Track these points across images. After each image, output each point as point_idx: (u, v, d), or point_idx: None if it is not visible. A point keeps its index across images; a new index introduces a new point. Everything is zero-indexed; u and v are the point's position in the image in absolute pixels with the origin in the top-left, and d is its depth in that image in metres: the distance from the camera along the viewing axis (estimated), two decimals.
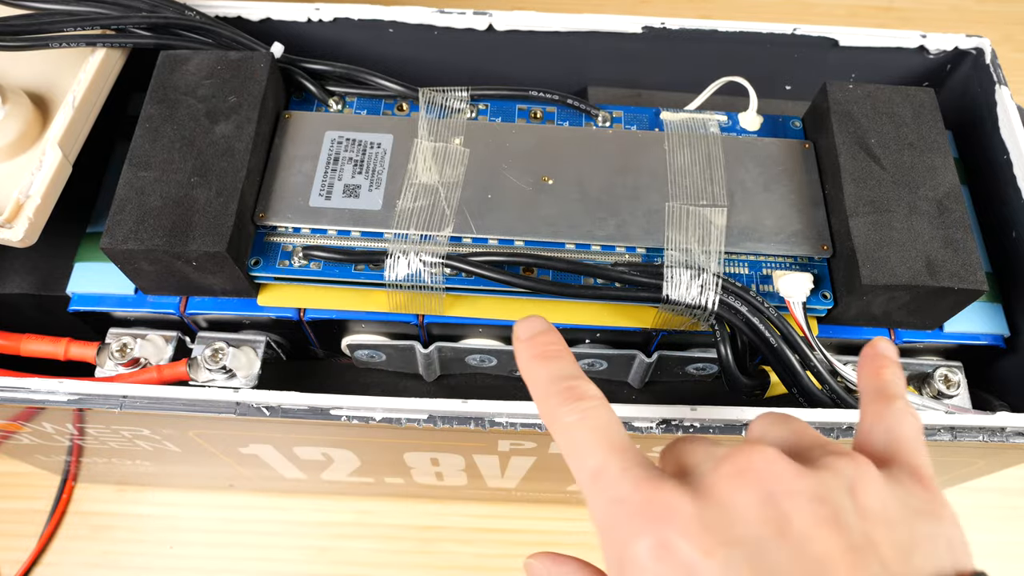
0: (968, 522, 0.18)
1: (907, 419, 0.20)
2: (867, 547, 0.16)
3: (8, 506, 0.46)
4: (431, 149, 0.32)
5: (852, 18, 0.68)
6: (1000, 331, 0.32)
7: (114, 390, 0.27)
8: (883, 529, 0.17)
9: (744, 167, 0.33)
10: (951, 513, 0.18)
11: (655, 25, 0.36)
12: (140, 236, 0.28)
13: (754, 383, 0.31)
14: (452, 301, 0.31)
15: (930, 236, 0.29)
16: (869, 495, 0.17)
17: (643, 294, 0.29)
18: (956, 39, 0.36)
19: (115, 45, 0.32)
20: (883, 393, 0.21)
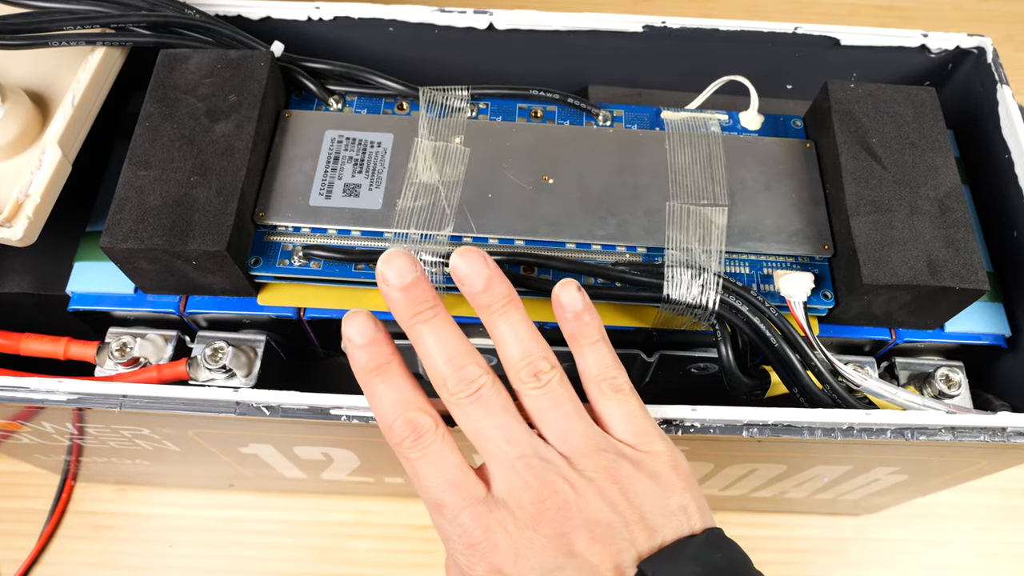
0: (969, 522, 0.18)
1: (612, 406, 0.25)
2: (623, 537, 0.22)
3: (7, 505, 0.46)
4: (431, 148, 0.32)
5: (853, 17, 0.68)
6: (1001, 331, 0.32)
7: (114, 389, 0.27)
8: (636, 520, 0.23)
9: (745, 166, 0.33)
10: (672, 471, 0.24)
11: (656, 24, 0.36)
12: (140, 235, 0.28)
13: (755, 383, 0.31)
14: (452, 300, 0.31)
15: (931, 236, 0.29)
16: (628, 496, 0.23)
17: (644, 294, 0.29)
18: (957, 38, 0.36)
19: (115, 44, 0.32)
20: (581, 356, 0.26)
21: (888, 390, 0.29)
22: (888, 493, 0.41)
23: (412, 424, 0.23)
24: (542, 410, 0.24)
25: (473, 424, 0.23)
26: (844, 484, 0.38)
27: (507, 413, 0.24)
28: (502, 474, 0.23)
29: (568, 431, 0.24)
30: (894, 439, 0.28)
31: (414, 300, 0.24)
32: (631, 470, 0.23)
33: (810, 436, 0.28)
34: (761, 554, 0.46)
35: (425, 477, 0.23)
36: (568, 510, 0.22)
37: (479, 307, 0.25)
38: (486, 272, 0.24)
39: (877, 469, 0.35)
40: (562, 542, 0.22)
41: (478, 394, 0.23)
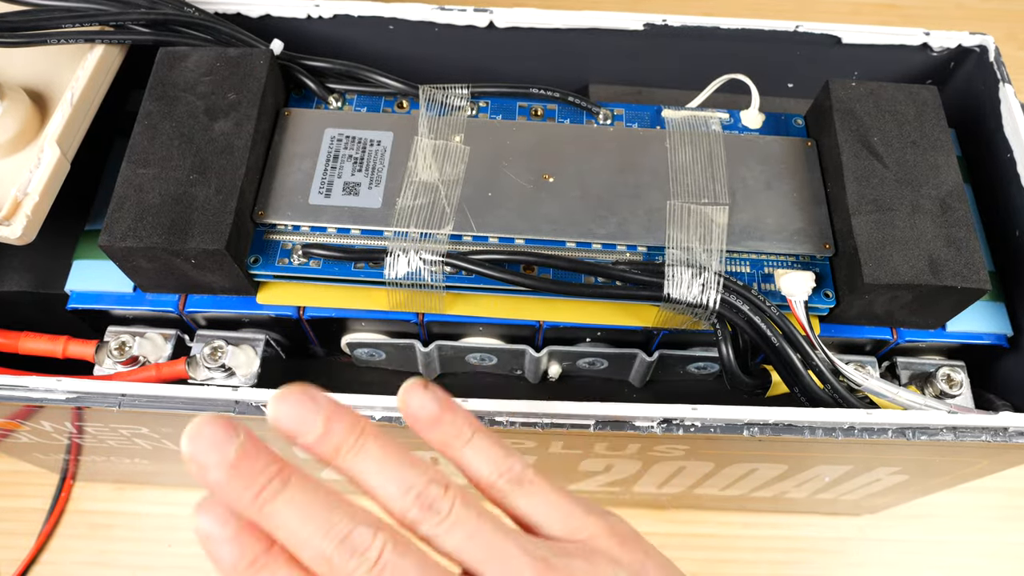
0: (970, 522, 0.18)
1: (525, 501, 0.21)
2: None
3: (6, 504, 0.46)
4: (431, 147, 0.32)
5: (855, 15, 0.68)
6: (1003, 330, 0.32)
7: (112, 388, 0.27)
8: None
9: (746, 165, 0.33)
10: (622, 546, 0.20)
11: (657, 22, 0.36)
12: (139, 234, 0.28)
13: (756, 382, 0.30)
14: (452, 299, 0.31)
15: (933, 235, 0.29)
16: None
17: (644, 293, 0.29)
18: (959, 37, 0.36)
19: (114, 42, 0.32)
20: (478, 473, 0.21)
21: (889, 390, 0.29)
22: (889, 493, 0.40)
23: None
24: (461, 548, 0.19)
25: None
26: (845, 484, 0.38)
27: (425, 572, 0.18)
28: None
29: (504, 557, 0.19)
30: (895, 439, 0.28)
31: (249, 476, 0.18)
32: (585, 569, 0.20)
33: (811, 436, 0.27)
34: (761, 554, 0.46)
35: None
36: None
37: (326, 454, 0.19)
38: (318, 409, 0.19)
39: (878, 469, 0.35)
40: None
41: (381, 564, 0.18)
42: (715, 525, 0.47)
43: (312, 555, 0.18)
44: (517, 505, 0.21)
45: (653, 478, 0.37)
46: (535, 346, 0.33)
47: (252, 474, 0.18)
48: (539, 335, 0.32)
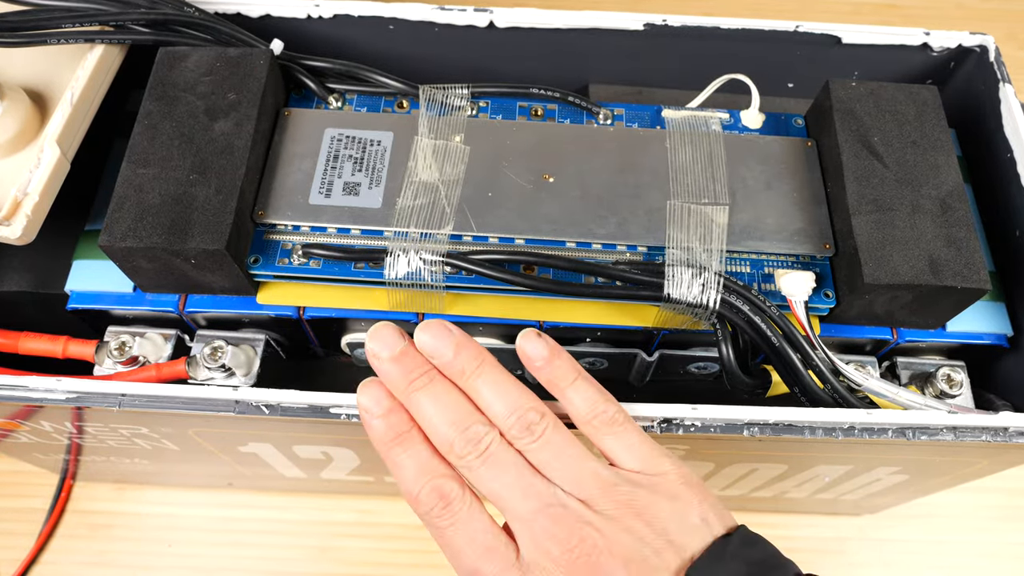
0: (970, 522, 0.19)
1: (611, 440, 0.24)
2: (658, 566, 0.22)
3: (6, 504, 0.46)
4: (431, 147, 0.32)
5: (855, 15, 0.68)
6: (1003, 330, 0.32)
7: (112, 388, 0.27)
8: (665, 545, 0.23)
9: (746, 165, 0.33)
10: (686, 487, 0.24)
11: (657, 22, 0.36)
12: (139, 234, 0.28)
13: (756, 382, 0.30)
14: (452, 299, 0.31)
15: (933, 235, 0.29)
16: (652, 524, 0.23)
17: (644, 293, 0.29)
18: (960, 37, 0.36)
19: (113, 41, 0.32)
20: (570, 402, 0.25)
21: (889, 390, 0.29)
22: (889, 493, 0.40)
23: (439, 491, 0.23)
24: (547, 462, 0.24)
25: (488, 485, 0.23)
26: (845, 484, 0.38)
27: (520, 468, 0.23)
28: (526, 530, 0.23)
29: (578, 476, 0.23)
30: (895, 439, 0.28)
31: (407, 369, 0.24)
32: (649, 498, 0.23)
33: (811, 436, 0.27)
34: None
35: (457, 545, 0.23)
36: (599, 553, 0.22)
37: (454, 375, 0.25)
38: (452, 339, 0.25)
39: (878, 469, 0.35)
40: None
41: (487, 453, 0.23)
42: None
43: (439, 439, 0.24)
44: (604, 441, 0.24)
45: None
46: None
47: (409, 367, 0.24)
48: None
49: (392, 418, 0.24)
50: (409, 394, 0.24)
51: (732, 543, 0.23)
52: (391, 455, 0.24)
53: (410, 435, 0.24)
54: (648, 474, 0.24)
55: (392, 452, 0.24)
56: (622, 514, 0.23)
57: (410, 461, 0.24)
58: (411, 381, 0.24)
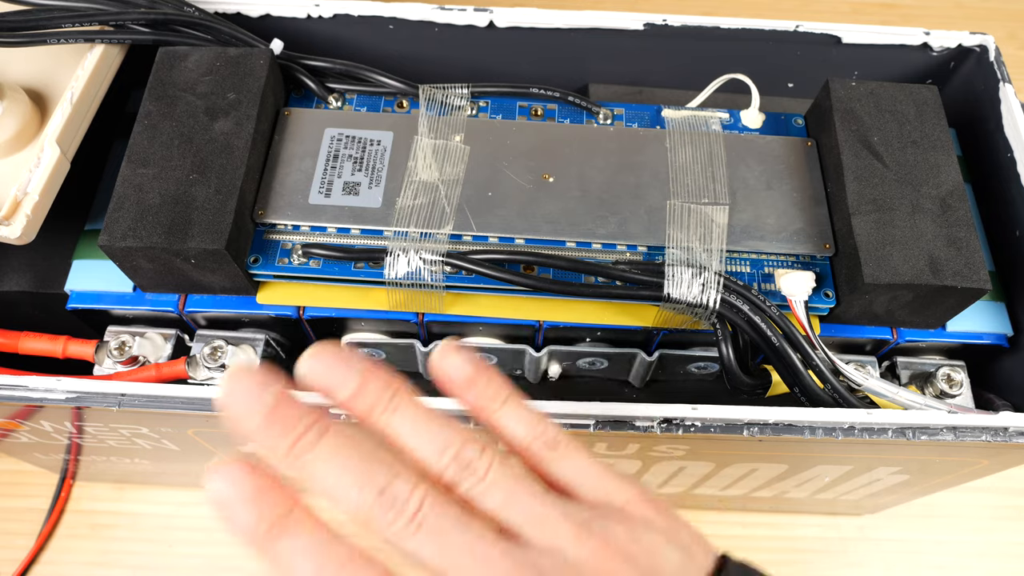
0: (970, 522, 0.19)
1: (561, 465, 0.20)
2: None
3: (6, 504, 0.46)
4: (431, 146, 0.32)
5: (855, 15, 0.68)
6: (1003, 330, 0.32)
7: (112, 388, 0.27)
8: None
9: (746, 165, 0.33)
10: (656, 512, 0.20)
11: (657, 22, 0.36)
12: (138, 233, 0.28)
13: (756, 382, 0.30)
14: (452, 299, 0.31)
15: (933, 235, 0.29)
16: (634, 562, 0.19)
17: (644, 292, 0.29)
18: (960, 36, 0.36)
19: (113, 41, 0.32)
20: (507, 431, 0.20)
21: (890, 389, 0.29)
22: (889, 493, 0.40)
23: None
24: (500, 508, 0.19)
25: (432, 563, 0.18)
26: (845, 484, 0.38)
27: (466, 531, 0.18)
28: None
29: (542, 520, 0.19)
30: (895, 439, 0.28)
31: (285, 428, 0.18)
32: (623, 533, 0.20)
33: (811, 436, 0.27)
34: (761, 554, 0.46)
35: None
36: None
37: (361, 414, 0.19)
38: (351, 369, 0.19)
39: (878, 469, 0.35)
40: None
41: (420, 515, 0.17)
42: (715, 525, 0.47)
43: (349, 507, 0.18)
44: (553, 469, 0.20)
45: (653, 478, 0.37)
46: (535, 346, 0.33)
47: (289, 422, 0.17)
48: (539, 335, 0.32)
49: (261, 500, 0.17)
50: (296, 458, 0.17)
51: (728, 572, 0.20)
52: (274, 554, 0.17)
53: (291, 519, 0.17)
54: (613, 504, 0.20)
55: (274, 550, 0.17)
56: (601, 560, 0.19)
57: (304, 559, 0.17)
58: (296, 440, 0.17)
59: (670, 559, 0.20)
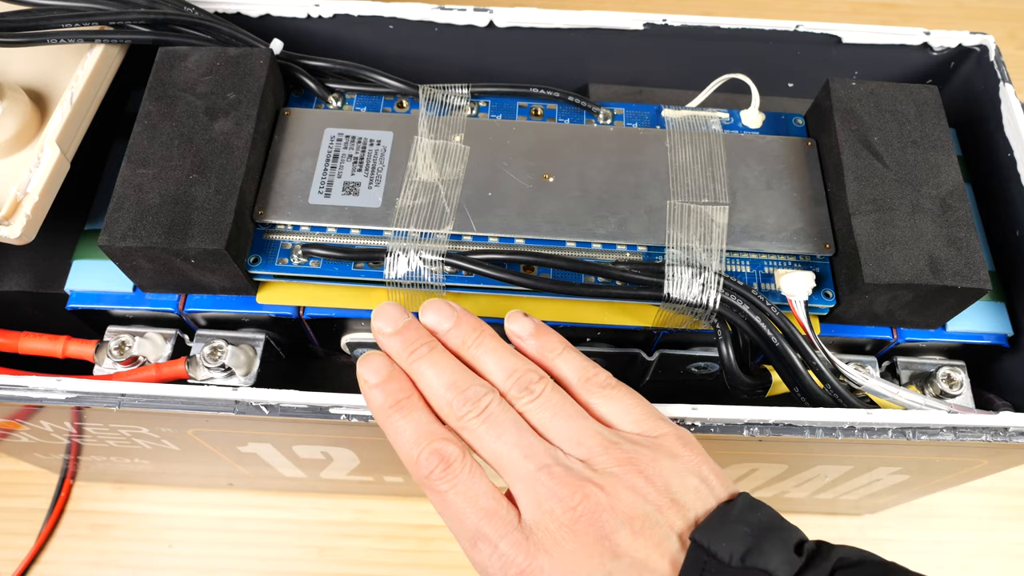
0: (970, 522, 0.19)
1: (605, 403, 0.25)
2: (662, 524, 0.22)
3: (6, 504, 0.46)
4: (431, 146, 0.32)
5: (855, 15, 0.68)
6: (1003, 330, 0.32)
7: (112, 388, 0.27)
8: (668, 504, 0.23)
9: (746, 165, 0.33)
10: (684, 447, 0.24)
11: (657, 22, 0.36)
12: (138, 233, 0.28)
13: (756, 382, 0.30)
14: (452, 299, 0.31)
15: (933, 234, 0.29)
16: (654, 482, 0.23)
17: (644, 292, 0.29)
18: (960, 36, 0.36)
19: (113, 41, 0.32)
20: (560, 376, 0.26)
21: (890, 389, 0.29)
22: (889, 493, 0.40)
23: (439, 454, 0.23)
24: (546, 421, 0.24)
25: (489, 446, 0.23)
26: (845, 484, 0.38)
27: (520, 428, 0.23)
28: (528, 491, 0.23)
29: (578, 434, 0.24)
30: (895, 439, 0.28)
31: (408, 341, 0.25)
32: (650, 456, 0.23)
33: (811, 435, 0.27)
34: None
35: (458, 509, 0.23)
36: (601, 512, 0.22)
37: (455, 347, 0.25)
38: (452, 313, 0.26)
39: (878, 469, 0.35)
40: (604, 546, 0.22)
41: (486, 413, 0.23)
42: None
43: (439, 401, 0.24)
44: (598, 404, 0.25)
45: None
46: None
47: (410, 339, 0.25)
48: None
49: (390, 386, 0.24)
50: (411, 363, 0.25)
51: (736, 507, 0.23)
52: (390, 422, 0.24)
53: (409, 401, 0.24)
54: (647, 435, 0.24)
55: (391, 419, 0.24)
56: (624, 472, 0.23)
57: (409, 426, 0.24)
58: (412, 351, 0.25)
59: (687, 483, 0.23)
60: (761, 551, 0.21)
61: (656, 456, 0.23)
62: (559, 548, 0.22)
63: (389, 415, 0.24)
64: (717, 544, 0.21)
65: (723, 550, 0.21)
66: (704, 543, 0.22)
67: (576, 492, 0.22)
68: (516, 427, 0.23)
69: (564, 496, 0.22)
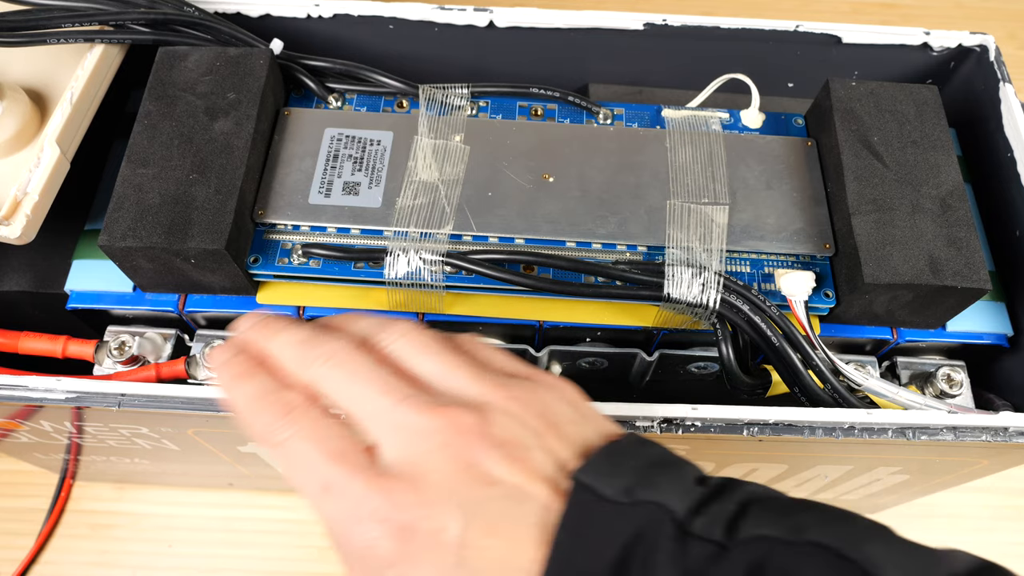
0: (970, 522, 0.19)
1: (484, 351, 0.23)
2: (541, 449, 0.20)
3: (6, 504, 0.46)
4: (431, 146, 0.32)
5: (855, 15, 0.68)
6: (1003, 330, 0.32)
7: (112, 388, 0.27)
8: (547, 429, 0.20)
9: (746, 165, 0.33)
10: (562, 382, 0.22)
11: (657, 22, 0.36)
12: (138, 233, 0.28)
13: (756, 382, 0.30)
14: (452, 299, 0.31)
15: (933, 234, 0.29)
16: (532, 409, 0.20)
17: (644, 292, 0.29)
18: (960, 36, 0.36)
19: (113, 41, 0.32)
20: None
21: (890, 389, 0.29)
22: (889, 493, 0.40)
23: (279, 403, 0.20)
24: (409, 358, 0.21)
25: (342, 390, 0.20)
26: (845, 484, 0.38)
27: (376, 368, 0.20)
28: (387, 427, 0.20)
29: (444, 366, 0.21)
30: (895, 439, 0.28)
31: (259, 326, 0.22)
32: (527, 387, 0.21)
33: (811, 435, 0.27)
34: None
35: (302, 456, 0.19)
36: (470, 437, 0.19)
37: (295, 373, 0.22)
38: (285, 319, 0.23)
39: (878, 469, 0.35)
40: (473, 473, 0.19)
41: (337, 357, 0.20)
42: None
43: (290, 361, 0.21)
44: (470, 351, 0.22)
45: None
46: (535, 346, 0.33)
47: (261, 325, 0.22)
48: (539, 335, 0.32)
49: (234, 361, 0.21)
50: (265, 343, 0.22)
51: (623, 442, 0.20)
52: (233, 394, 0.21)
53: (250, 371, 0.21)
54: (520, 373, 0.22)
55: (233, 390, 0.21)
56: (498, 398, 0.20)
57: (250, 388, 0.21)
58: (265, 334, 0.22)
59: (567, 414, 0.21)
60: (652, 483, 0.19)
61: (534, 387, 0.21)
62: (423, 481, 0.19)
63: (230, 388, 0.21)
64: (601, 480, 0.19)
65: (608, 486, 0.19)
66: (587, 481, 0.19)
67: (440, 418, 0.19)
68: (372, 367, 0.20)
69: (426, 425, 0.19)
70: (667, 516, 0.18)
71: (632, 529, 0.18)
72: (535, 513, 0.18)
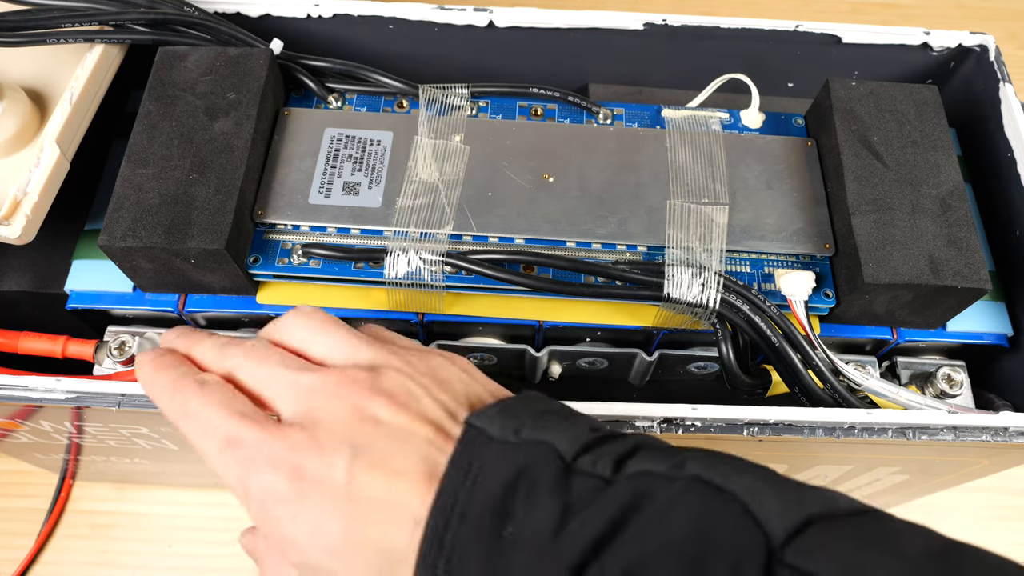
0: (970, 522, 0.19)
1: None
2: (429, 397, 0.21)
3: (6, 504, 0.46)
4: (431, 146, 0.32)
5: (855, 15, 0.68)
6: (1003, 330, 0.32)
7: (112, 388, 0.27)
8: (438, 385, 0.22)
9: (746, 165, 0.33)
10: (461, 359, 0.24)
11: (656, 22, 0.36)
12: (138, 233, 0.28)
13: (755, 382, 0.30)
14: (452, 299, 0.31)
15: (933, 234, 0.29)
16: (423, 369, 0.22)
17: (644, 292, 0.29)
18: (960, 36, 0.36)
19: (113, 41, 0.32)
20: None
21: (890, 389, 0.29)
22: (889, 493, 0.40)
23: (195, 383, 0.22)
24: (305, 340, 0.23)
25: (251, 372, 0.22)
26: (845, 484, 0.38)
27: (284, 353, 0.23)
28: (288, 393, 0.22)
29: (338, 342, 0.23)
30: (895, 439, 0.28)
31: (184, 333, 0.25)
32: (422, 355, 0.23)
33: (811, 435, 0.27)
34: None
35: (207, 419, 0.21)
36: (359, 386, 0.21)
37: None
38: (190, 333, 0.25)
39: (878, 469, 0.35)
40: (361, 415, 0.21)
41: (249, 347, 0.23)
42: None
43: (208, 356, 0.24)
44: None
45: None
46: (535, 346, 0.33)
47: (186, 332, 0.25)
48: (539, 335, 0.32)
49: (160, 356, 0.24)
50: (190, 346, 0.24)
51: (523, 396, 0.22)
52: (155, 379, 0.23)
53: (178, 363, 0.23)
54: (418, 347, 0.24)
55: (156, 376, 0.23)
56: (388, 360, 0.22)
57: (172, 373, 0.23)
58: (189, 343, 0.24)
59: (456, 375, 0.22)
60: (542, 426, 0.20)
61: (429, 355, 0.23)
62: (316, 427, 0.20)
63: (153, 377, 0.23)
64: (493, 423, 0.20)
65: (498, 428, 0.20)
66: (477, 423, 0.20)
67: (333, 374, 0.21)
68: (280, 354, 0.23)
69: (321, 381, 0.21)
70: (553, 453, 0.19)
71: (518, 465, 0.19)
72: (420, 450, 0.20)
